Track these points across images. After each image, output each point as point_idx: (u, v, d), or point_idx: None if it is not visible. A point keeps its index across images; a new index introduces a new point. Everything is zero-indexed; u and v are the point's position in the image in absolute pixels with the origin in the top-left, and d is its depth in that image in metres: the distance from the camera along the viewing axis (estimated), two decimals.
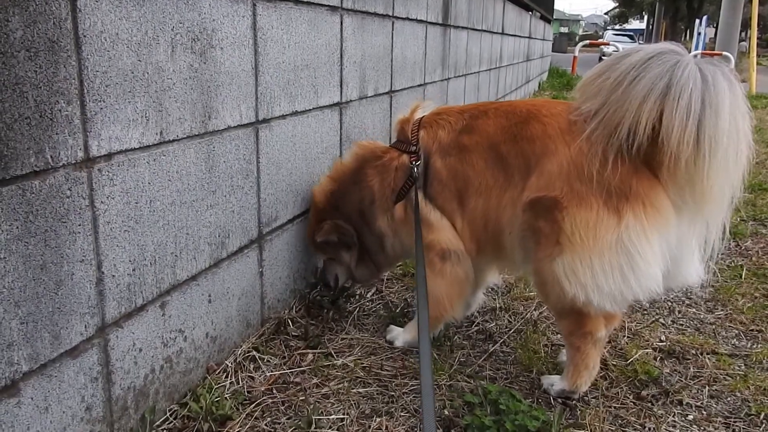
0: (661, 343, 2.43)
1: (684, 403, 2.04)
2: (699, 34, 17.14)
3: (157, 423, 1.81)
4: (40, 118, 1.30)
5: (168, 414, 1.85)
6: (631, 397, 2.06)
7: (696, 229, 1.86)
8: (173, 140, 1.74)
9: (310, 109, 2.55)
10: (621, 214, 1.77)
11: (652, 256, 1.77)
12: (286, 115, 2.36)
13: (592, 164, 1.79)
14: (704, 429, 1.91)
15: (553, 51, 19.32)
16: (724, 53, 13.39)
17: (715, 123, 1.65)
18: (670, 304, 2.82)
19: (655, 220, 1.77)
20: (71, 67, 1.37)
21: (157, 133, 1.67)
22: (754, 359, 2.32)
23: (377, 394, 2.04)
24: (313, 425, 1.82)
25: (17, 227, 1.28)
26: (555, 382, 2.06)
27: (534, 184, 1.91)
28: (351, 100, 2.97)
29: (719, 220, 1.82)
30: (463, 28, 5.28)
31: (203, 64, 1.82)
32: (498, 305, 2.74)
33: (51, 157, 1.35)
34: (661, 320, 2.66)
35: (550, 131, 1.92)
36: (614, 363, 2.25)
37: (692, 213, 1.81)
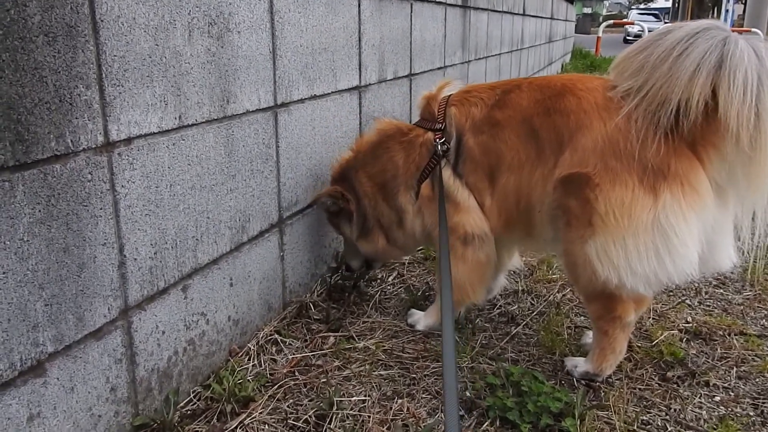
0: (687, 325, 2.39)
1: (711, 384, 2.01)
2: (727, 11, 16.76)
3: (181, 404, 1.83)
4: (59, 103, 1.32)
5: (192, 395, 1.88)
6: (656, 378, 2.03)
7: (735, 214, 1.79)
8: (192, 124, 1.75)
9: (328, 93, 2.55)
10: (658, 193, 1.71)
11: (689, 238, 1.71)
12: (305, 99, 2.36)
13: (629, 141, 1.73)
14: (732, 410, 1.89)
15: (576, 32, 19.01)
16: (753, 30, 13.07)
17: None
18: (696, 284, 2.77)
19: (694, 201, 1.70)
20: (89, 51, 1.38)
21: (175, 118, 1.68)
22: None
23: (399, 376, 2.04)
24: (335, 407, 1.83)
25: (40, 210, 1.30)
26: (579, 364, 2.04)
27: (567, 160, 1.85)
28: (370, 84, 2.96)
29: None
30: (483, 9, 5.22)
31: (220, 48, 1.83)
32: (520, 288, 2.72)
33: (71, 141, 1.36)
34: (688, 301, 2.62)
35: (585, 105, 1.85)
36: (639, 344, 2.22)
37: (740, 194, 1.75)
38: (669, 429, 1.79)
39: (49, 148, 1.31)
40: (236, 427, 1.76)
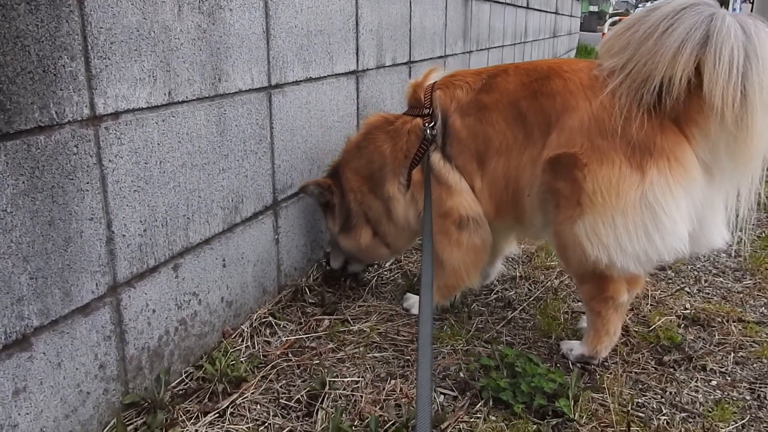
0: (685, 311, 2.37)
1: (708, 368, 1.98)
2: (734, 9, 16.66)
3: (173, 384, 1.82)
4: (43, 73, 1.30)
5: (183, 376, 1.86)
6: (652, 362, 2.01)
7: (724, 190, 1.77)
8: (182, 101, 1.73)
9: (325, 76, 2.52)
10: (645, 170, 1.69)
11: (677, 214, 1.69)
12: (300, 81, 2.34)
13: (614, 119, 1.71)
14: (728, 394, 1.86)
15: (582, 30, 18.88)
16: None
17: (764, 76, 1.55)
18: (696, 273, 2.75)
19: (681, 176, 1.68)
20: (74, 22, 1.36)
21: (165, 94, 1.66)
22: None
23: (393, 358, 2.03)
24: (327, 387, 1.81)
25: (23, 182, 1.29)
26: (574, 347, 2.02)
27: (554, 141, 1.84)
28: (368, 69, 2.94)
29: (754, 180, 1.72)
30: (485, 0, 5.18)
31: (212, 25, 1.81)
32: (518, 274, 2.69)
33: (56, 112, 1.34)
34: (687, 289, 2.59)
35: (570, 86, 1.84)
36: (636, 329, 2.20)
37: (725, 172, 1.73)
38: (664, 411, 1.77)
39: (32, 119, 1.29)
40: (227, 407, 1.75)
